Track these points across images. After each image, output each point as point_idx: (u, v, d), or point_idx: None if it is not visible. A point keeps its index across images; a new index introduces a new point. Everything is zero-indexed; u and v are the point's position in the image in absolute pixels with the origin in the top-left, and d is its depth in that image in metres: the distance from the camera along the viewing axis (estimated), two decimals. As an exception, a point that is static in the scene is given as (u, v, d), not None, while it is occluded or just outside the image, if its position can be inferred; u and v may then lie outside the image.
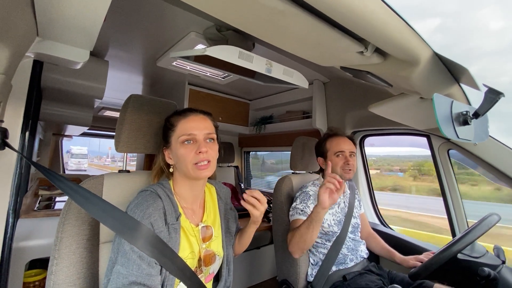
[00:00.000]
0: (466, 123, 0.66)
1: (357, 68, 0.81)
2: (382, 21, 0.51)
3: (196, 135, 0.77)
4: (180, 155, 0.76)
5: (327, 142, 1.34)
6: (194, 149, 0.76)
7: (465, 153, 1.26)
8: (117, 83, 2.19)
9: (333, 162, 1.28)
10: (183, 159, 0.76)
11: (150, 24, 1.24)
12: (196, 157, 0.75)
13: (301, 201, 1.24)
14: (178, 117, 0.81)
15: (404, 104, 1.06)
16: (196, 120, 0.80)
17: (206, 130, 0.79)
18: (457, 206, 1.36)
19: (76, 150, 18.53)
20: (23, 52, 0.73)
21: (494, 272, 0.83)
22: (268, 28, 0.63)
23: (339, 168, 1.27)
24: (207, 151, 0.76)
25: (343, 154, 1.29)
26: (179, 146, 0.77)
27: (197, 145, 0.77)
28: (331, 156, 1.30)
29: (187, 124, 0.79)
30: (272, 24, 0.60)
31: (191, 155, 0.75)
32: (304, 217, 1.19)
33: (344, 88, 1.75)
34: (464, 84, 0.81)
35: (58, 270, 0.70)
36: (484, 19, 34.73)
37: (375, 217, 1.78)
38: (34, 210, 1.51)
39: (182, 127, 0.78)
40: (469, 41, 34.75)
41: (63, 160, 3.66)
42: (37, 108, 1.53)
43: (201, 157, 0.75)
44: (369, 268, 1.25)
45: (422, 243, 1.40)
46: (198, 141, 0.78)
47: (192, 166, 0.75)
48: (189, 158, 0.75)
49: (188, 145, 0.77)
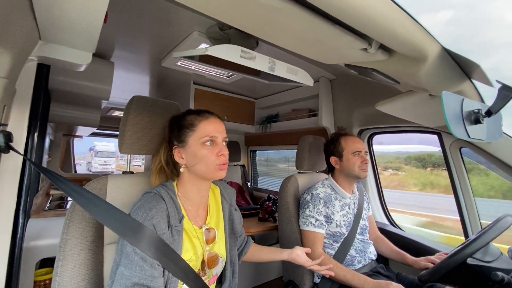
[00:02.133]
0: (478, 121, 0.62)
1: (362, 66, 0.78)
2: (384, 16, 0.48)
3: (218, 137, 0.81)
4: (202, 156, 0.78)
5: (341, 141, 1.32)
6: (215, 151, 0.79)
7: (479, 151, 1.21)
8: (124, 84, 2.21)
9: (351, 161, 1.27)
10: (205, 160, 0.78)
11: (154, 24, 1.24)
12: (218, 159, 0.79)
13: (313, 207, 1.22)
14: (197, 118, 0.82)
15: (413, 102, 1.02)
16: (217, 123, 0.83)
17: (224, 134, 0.83)
18: (469, 206, 1.31)
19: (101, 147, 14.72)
20: (26, 56, 0.74)
21: (508, 277, 0.79)
22: (268, 27, 0.61)
23: (357, 167, 1.25)
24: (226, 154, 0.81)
25: (360, 153, 1.27)
26: (200, 146, 0.79)
27: (217, 147, 0.80)
28: (348, 155, 1.28)
29: (210, 126, 0.81)
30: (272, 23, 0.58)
31: (213, 156, 0.78)
32: (321, 230, 1.19)
33: (351, 85, 1.71)
34: (476, 80, 0.77)
35: (63, 271, 0.71)
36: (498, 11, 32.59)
37: (384, 217, 1.74)
38: (45, 210, 1.55)
39: (205, 129, 0.80)
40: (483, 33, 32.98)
41: (74, 160, 3.75)
42: (45, 110, 1.56)
43: (222, 159, 0.79)
44: (377, 269, 1.22)
45: (433, 244, 1.36)
46: (218, 143, 0.81)
47: (214, 167, 0.78)
48: (212, 159, 0.78)
49: (209, 147, 0.79)
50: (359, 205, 1.33)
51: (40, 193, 1.73)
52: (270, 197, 2.04)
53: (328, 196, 1.25)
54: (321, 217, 1.20)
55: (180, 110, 0.99)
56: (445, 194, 3.26)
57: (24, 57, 0.73)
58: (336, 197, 1.27)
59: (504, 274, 0.80)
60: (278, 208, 1.40)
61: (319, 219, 1.19)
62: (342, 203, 1.27)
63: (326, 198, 1.24)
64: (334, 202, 1.25)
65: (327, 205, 1.22)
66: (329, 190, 1.28)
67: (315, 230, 1.18)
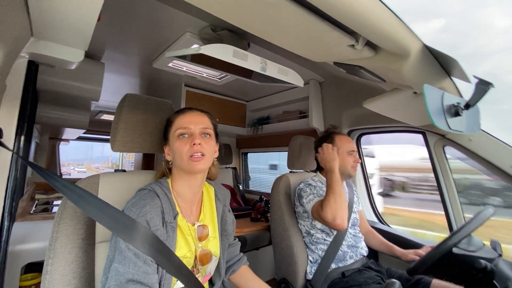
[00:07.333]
0: (458, 114, 0.67)
1: (350, 63, 0.82)
2: (371, 12, 0.52)
3: (192, 129, 0.80)
4: (176, 148, 0.78)
5: (336, 139, 1.33)
6: (188, 142, 0.78)
7: (460, 149, 1.27)
8: (114, 86, 2.19)
9: (346, 160, 1.29)
10: (179, 152, 0.78)
11: (146, 25, 1.25)
12: (190, 149, 0.76)
13: (312, 189, 1.22)
14: (176, 114, 0.85)
15: (398, 99, 1.06)
16: (192, 115, 0.83)
17: (201, 125, 0.81)
18: (453, 202, 1.36)
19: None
20: (17, 52, 0.74)
21: (490, 265, 0.83)
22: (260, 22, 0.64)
23: (350, 166, 1.28)
24: (201, 144, 0.77)
25: (353, 153, 1.31)
26: (175, 140, 0.80)
27: (191, 139, 0.78)
28: (343, 154, 1.30)
29: (183, 119, 0.82)
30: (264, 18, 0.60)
31: (186, 147, 0.77)
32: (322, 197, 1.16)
33: (339, 87, 1.76)
34: (454, 77, 0.82)
35: (53, 269, 0.70)
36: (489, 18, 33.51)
37: (373, 215, 1.78)
38: (30, 213, 1.51)
39: (178, 122, 0.81)
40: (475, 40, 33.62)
41: (60, 165, 3.64)
42: (32, 110, 1.53)
43: (195, 149, 0.76)
44: (368, 265, 1.25)
45: (420, 239, 1.40)
46: (193, 134, 0.79)
47: (187, 158, 0.76)
48: (184, 150, 0.77)
49: (183, 139, 0.79)
50: (349, 198, 1.35)
51: (25, 197, 1.68)
52: (262, 198, 2.05)
53: (320, 188, 1.27)
54: (322, 192, 1.18)
55: (173, 109, 1.00)
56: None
57: (16, 53, 0.72)
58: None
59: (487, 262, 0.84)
60: (271, 206, 1.41)
61: (320, 193, 1.18)
62: None
63: (319, 188, 1.25)
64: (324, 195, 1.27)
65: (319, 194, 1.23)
66: (319, 184, 1.30)
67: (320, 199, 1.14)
